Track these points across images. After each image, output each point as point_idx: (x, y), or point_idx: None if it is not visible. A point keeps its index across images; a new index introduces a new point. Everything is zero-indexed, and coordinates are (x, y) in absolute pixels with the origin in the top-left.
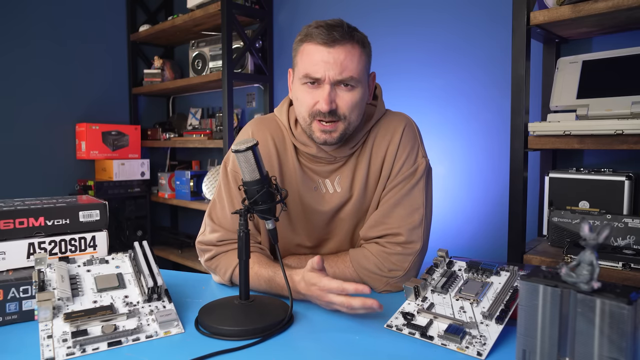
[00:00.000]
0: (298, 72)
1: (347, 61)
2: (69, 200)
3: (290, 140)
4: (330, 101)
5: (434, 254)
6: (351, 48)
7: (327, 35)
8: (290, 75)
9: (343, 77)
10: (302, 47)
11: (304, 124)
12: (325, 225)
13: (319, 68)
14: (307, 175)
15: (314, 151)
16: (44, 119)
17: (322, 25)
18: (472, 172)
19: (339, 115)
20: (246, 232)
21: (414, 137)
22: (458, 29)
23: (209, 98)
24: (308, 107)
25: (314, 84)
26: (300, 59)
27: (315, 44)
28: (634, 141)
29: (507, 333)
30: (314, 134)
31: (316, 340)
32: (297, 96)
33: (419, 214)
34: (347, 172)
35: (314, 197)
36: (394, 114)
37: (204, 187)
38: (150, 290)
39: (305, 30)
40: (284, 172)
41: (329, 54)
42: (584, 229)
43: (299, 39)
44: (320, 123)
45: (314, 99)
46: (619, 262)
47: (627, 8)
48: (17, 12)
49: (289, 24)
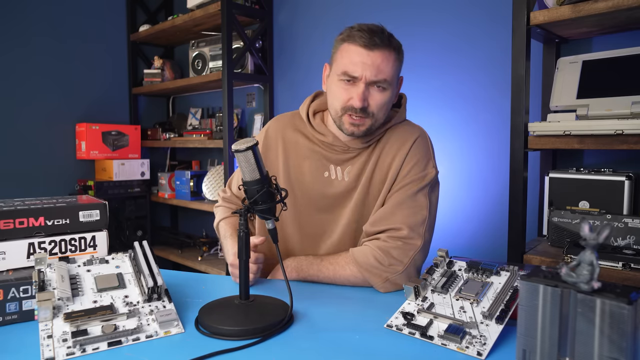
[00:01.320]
0: (336, 68)
1: (383, 65)
2: (69, 200)
3: (309, 129)
4: (363, 99)
5: (434, 254)
6: (388, 54)
7: (368, 40)
8: (327, 69)
9: (378, 79)
10: (343, 45)
11: (335, 115)
12: (327, 212)
13: (358, 68)
14: (320, 162)
15: (330, 139)
16: (44, 118)
17: (364, 29)
18: (472, 172)
19: (369, 113)
20: (246, 232)
21: (426, 148)
22: (458, 29)
23: (209, 98)
24: (342, 102)
25: (350, 81)
26: (340, 56)
27: (356, 45)
28: (634, 141)
29: (507, 333)
30: (343, 125)
31: (316, 340)
32: (333, 90)
33: (422, 215)
34: (357, 164)
35: (323, 181)
36: (411, 125)
37: (204, 187)
38: (150, 290)
39: (348, 31)
40: (298, 156)
41: (368, 56)
42: (584, 229)
43: (341, 37)
44: (350, 117)
45: (348, 95)
46: (619, 262)
47: (627, 8)
48: (17, 12)
49: (289, 24)
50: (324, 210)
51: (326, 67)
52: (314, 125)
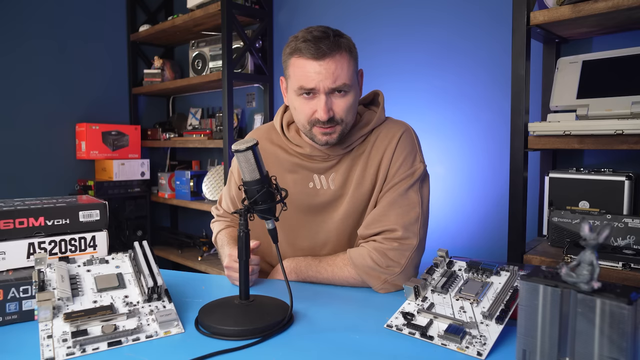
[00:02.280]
0: (292, 84)
1: (338, 70)
2: (69, 200)
3: (284, 141)
4: (327, 110)
5: (434, 254)
6: (340, 57)
7: (315, 50)
8: (283, 83)
9: (337, 85)
10: (291, 60)
11: (304, 130)
12: (320, 222)
13: (312, 80)
14: (303, 173)
15: (307, 151)
16: (44, 118)
17: (309, 39)
18: (472, 172)
19: (337, 120)
20: (246, 232)
21: (412, 143)
22: (458, 29)
23: (209, 98)
24: (307, 116)
25: (309, 94)
26: (292, 72)
27: (305, 58)
28: (634, 141)
29: (507, 333)
30: (315, 138)
31: (316, 340)
32: (295, 106)
33: (415, 212)
34: (341, 170)
35: (309, 192)
36: (394, 121)
37: (204, 187)
38: (150, 290)
39: (294, 44)
40: (280, 169)
41: (320, 66)
42: (584, 229)
43: (288, 52)
44: (320, 128)
45: (311, 109)
46: (619, 262)
47: (627, 8)
48: (17, 12)
49: (289, 24)
50: (313, 221)
51: (282, 81)
52: (290, 137)
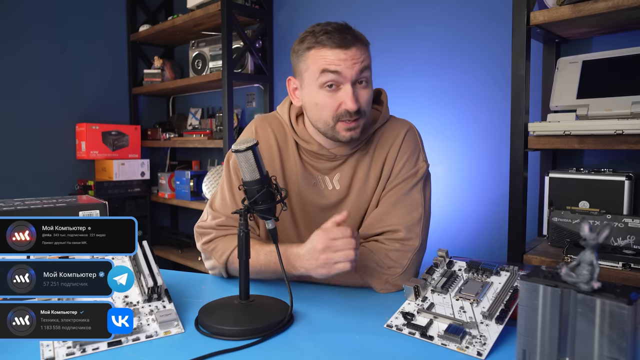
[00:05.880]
0: (311, 77)
1: (362, 59)
2: (69, 200)
3: (292, 136)
4: (355, 100)
5: (434, 254)
6: (363, 48)
7: (340, 39)
8: (292, 82)
9: (362, 75)
10: (310, 53)
11: (326, 127)
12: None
13: (338, 66)
14: (308, 171)
15: (315, 148)
16: (44, 118)
17: (330, 30)
18: (472, 172)
19: (362, 112)
20: (246, 232)
21: (415, 142)
22: (458, 29)
23: (209, 98)
24: (332, 110)
25: (332, 87)
26: (312, 63)
27: (328, 48)
28: (634, 141)
29: (507, 333)
30: (339, 134)
31: (316, 340)
32: (317, 101)
33: (418, 213)
34: (346, 170)
35: (314, 191)
36: (397, 120)
37: (204, 187)
38: (150, 290)
39: (311, 38)
40: (285, 166)
41: (346, 54)
42: (584, 229)
43: (306, 46)
44: (345, 123)
45: (336, 101)
46: (619, 262)
47: (627, 8)
48: (18, 12)
49: (289, 24)
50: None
51: (291, 81)
52: (298, 132)
